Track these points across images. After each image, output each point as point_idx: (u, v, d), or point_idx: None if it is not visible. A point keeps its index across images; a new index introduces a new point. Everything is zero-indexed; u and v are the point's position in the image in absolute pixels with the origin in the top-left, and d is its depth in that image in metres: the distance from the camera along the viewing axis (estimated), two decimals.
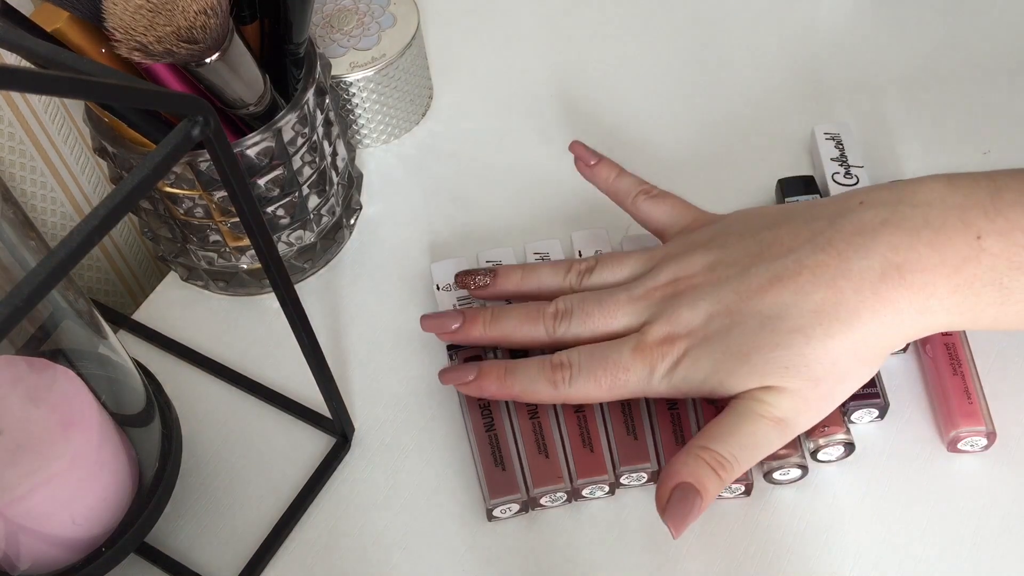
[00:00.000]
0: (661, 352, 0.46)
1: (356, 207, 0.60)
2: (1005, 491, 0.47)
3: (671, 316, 0.46)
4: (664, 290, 0.47)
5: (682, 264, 0.47)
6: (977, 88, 0.62)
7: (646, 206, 0.52)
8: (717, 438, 0.44)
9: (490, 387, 0.48)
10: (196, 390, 0.54)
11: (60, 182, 0.59)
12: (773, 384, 0.44)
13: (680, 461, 0.44)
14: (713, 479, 0.43)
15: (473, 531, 0.49)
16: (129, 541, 0.44)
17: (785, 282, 0.44)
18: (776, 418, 0.44)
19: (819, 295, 0.43)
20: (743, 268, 0.46)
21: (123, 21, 0.43)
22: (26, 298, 0.29)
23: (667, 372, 0.46)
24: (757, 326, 0.44)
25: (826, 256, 0.44)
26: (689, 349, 0.45)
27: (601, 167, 0.53)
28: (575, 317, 0.48)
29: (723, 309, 0.45)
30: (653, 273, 0.48)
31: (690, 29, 0.67)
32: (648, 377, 0.46)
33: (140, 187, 0.32)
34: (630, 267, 0.50)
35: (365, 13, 0.62)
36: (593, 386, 0.46)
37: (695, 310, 0.46)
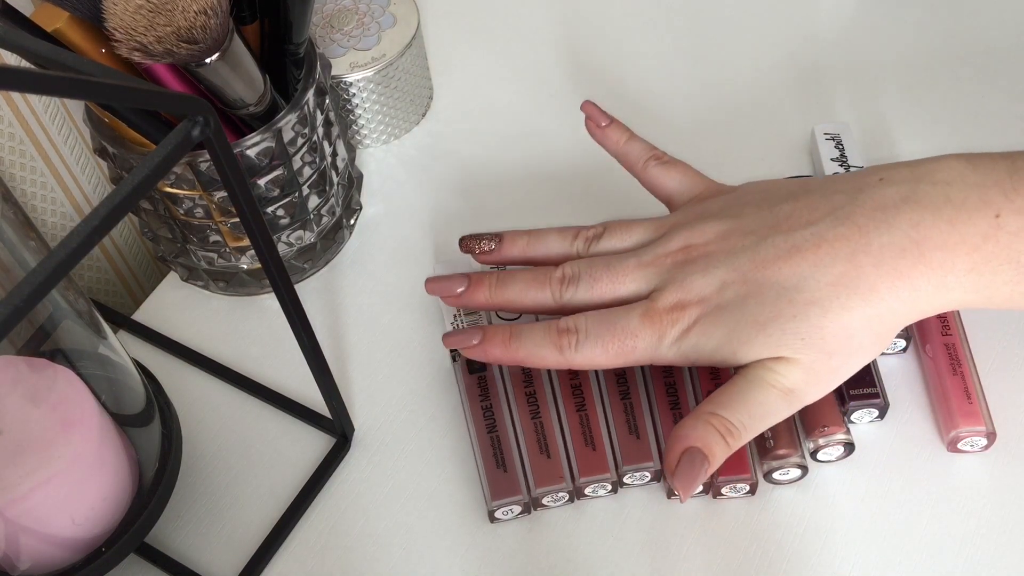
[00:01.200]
0: (671, 319, 0.45)
1: (356, 207, 0.60)
2: (1005, 491, 0.47)
3: (682, 283, 0.45)
4: (675, 256, 0.47)
5: (694, 232, 0.47)
6: (977, 88, 0.62)
7: (656, 172, 0.51)
8: (726, 405, 0.44)
9: (495, 351, 0.48)
10: (196, 390, 0.54)
11: (60, 182, 0.59)
12: (786, 355, 0.44)
13: (689, 425, 0.44)
14: (721, 445, 0.43)
15: (474, 531, 0.49)
16: (129, 541, 0.44)
17: (804, 253, 0.44)
18: (786, 388, 0.44)
19: (838, 268, 0.43)
20: (760, 238, 0.45)
21: (123, 21, 0.43)
22: (26, 298, 0.29)
23: (677, 339, 0.45)
24: (774, 296, 0.44)
25: (846, 230, 0.44)
26: (701, 317, 0.45)
27: (612, 129, 0.53)
28: (582, 282, 0.48)
29: (738, 277, 0.45)
30: (663, 240, 0.48)
31: (690, 29, 0.67)
32: (656, 344, 0.45)
33: (140, 187, 0.32)
34: (639, 234, 0.49)
35: (365, 13, 0.62)
36: (600, 352, 0.46)
37: (708, 277, 0.45)
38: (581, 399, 0.50)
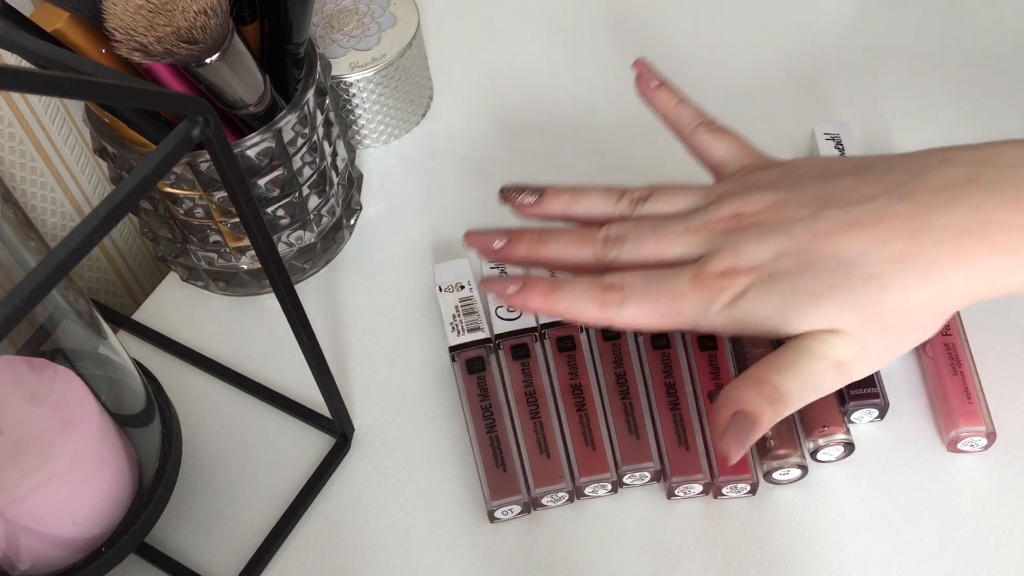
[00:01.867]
0: (721, 284, 0.44)
1: (356, 207, 0.60)
2: (1005, 491, 0.47)
3: (735, 249, 0.44)
4: (726, 223, 0.45)
5: (746, 200, 0.46)
6: (977, 88, 0.62)
7: (707, 138, 0.50)
8: (777, 372, 0.43)
9: (535, 300, 0.46)
10: (196, 390, 0.54)
11: (60, 182, 0.59)
12: (841, 328, 0.43)
13: (739, 388, 0.43)
14: (768, 412, 0.42)
15: (473, 531, 0.49)
16: (129, 541, 0.44)
17: (864, 228, 0.43)
18: (837, 361, 0.43)
19: (898, 245, 0.43)
20: (817, 210, 0.44)
21: (123, 21, 0.43)
22: (26, 298, 0.29)
23: (726, 305, 0.44)
24: (832, 268, 0.43)
25: (906, 207, 0.43)
26: (754, 284, 0.44)
27: (663, 90, 0.51)
28: (628, 243, 0.46)
29: (795, 247, 0.44)
30: (713, 206, 0.46)
31: (690, 30, 0.67)
32: (704, 309, 0.44)
33: (140, 187, 0.32)
34: (687, 200, 0.48)
35: (365, 13, 0.62)
36: (645, 311, 0.45)
37: (763, 245, 0.44)
38: (581, 399, 0.50)
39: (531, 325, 0.52)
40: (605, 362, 0.51)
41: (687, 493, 0.48)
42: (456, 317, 0.53)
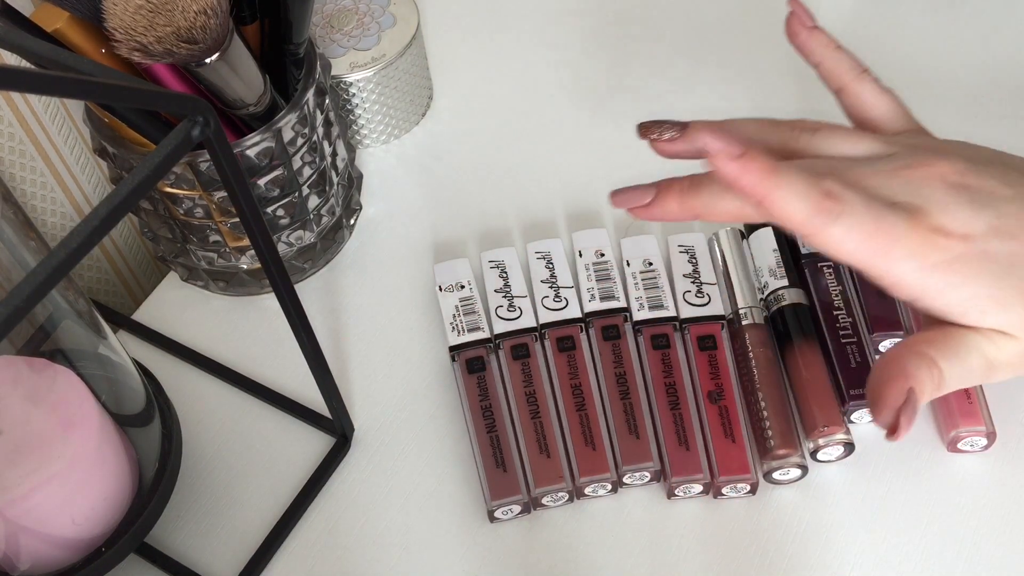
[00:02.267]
0: (935, 242, 0.38)
1: (356, 207, 0.60)
2: (1005, 491, 0.47)
3: (946, 208, 0.39)
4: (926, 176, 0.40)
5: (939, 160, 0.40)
6: (977, 88, 0.62)
7: (872, 89, 0.45)
8: (945, 355, 0.39)
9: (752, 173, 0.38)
10: (196, 390, 0.54)
11: (60, 182, 0.59)
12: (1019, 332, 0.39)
13: (913, 363, 0.39)
14: (928, 394, 0.39)
15: (473, 530, 0.49)
16: (129, 541, 0.44)
17: None
18: (994, 362, 0.40)
19: None
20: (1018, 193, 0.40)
21: (123, 21, 0.43)
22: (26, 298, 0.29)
23: (931, 267, 0.39)
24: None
25: None
26: (963, 256, 0.39)
27: (822, 33, 0.46)
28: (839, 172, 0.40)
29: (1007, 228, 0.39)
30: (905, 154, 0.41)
31: (690, 29, 0.67)
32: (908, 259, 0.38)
33: (140, 187, 0.32)
34: (867, 144, 0.42)
35: (365, 13, 0.62)
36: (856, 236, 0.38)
37: (975, 214, 0.39)
38: (581, 399, 0.50)
39: (531, 325, 0.52)
40: (605, 362, 0.51)
41: (687, 493, 0.48)
42: (456, 317, 0.53)
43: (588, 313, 0.53)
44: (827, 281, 0.52)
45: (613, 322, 0.52)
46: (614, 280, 0.54)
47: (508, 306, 0.53)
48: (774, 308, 0.52)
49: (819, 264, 0.52)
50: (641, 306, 0.52)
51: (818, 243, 0.39)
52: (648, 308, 0.52)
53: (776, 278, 0.52)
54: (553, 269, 0.55)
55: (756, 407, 0.49)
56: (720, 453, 0.48)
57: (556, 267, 0.55)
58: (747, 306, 0.51)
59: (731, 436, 0.48)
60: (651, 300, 0.53)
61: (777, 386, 0.49)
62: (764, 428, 0.48)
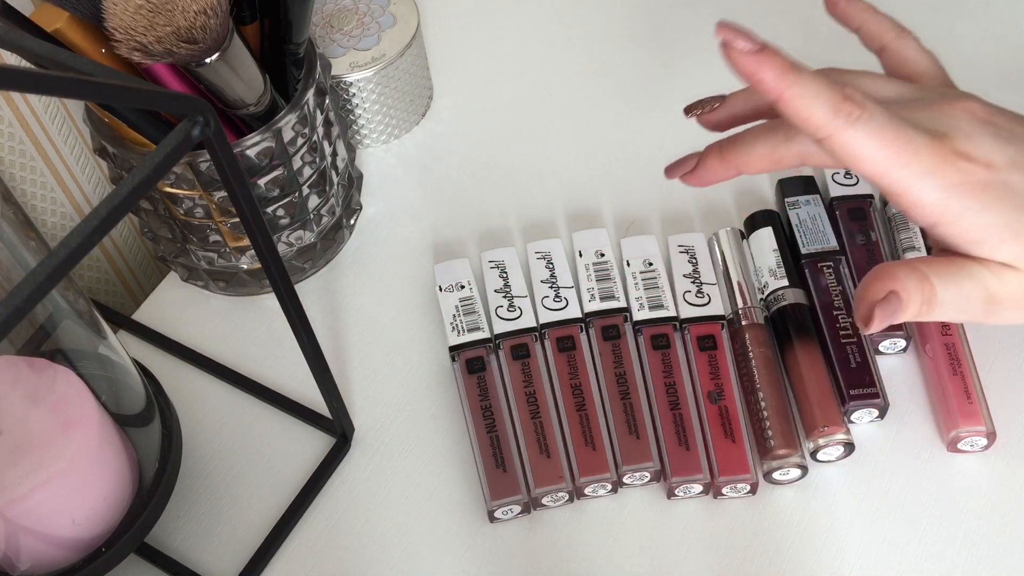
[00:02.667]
0: (959, 164, 0.40)
1: (356, 207, 0.60)
2: (1005, 491, 0.47)
3: (970, 136, 0.40)
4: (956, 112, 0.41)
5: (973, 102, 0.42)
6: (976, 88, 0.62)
7: (913, 46, 0.47)
8: (941, 276, 0.40)
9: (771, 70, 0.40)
10: (196, 390, 0.54)
11: (60, 182, 0.59)
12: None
13: (904, 272, 0.41)
14: (916, 307, 0.40)
15: (473, 531, 0.49)
16: (129, 541, 0.44)
17: None
18: (996, 296, 0.41)
19: None
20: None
21: (123, 21, 0.43)
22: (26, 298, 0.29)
23: (951, 187, 0.40)
24: None
25: None
26: (984, 182, 0.40)
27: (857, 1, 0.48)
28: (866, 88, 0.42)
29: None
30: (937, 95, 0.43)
31: (690, 29, 0.67)
32: (929, 177, 0.40)
33: (140, 187, 0.32)
34: (899, 86, 0.44)
35: (365, 13, 0.62)
36: (874, 143, 0.39)
37: (999, 145, 0.40)
38: (581, 399, 0.50)
39: (531, 325, 0.52)
40: (605, 362, 0.51)
41: (687, 493, 0.48)
42: (456, 317, 0.53)
43: (588, 313, 0.53)
44: (827, 281, 0.52)
45: (613, 322, 0.52)
46: (614, 280, 0.54)
47: (508, 306, 0.53)
48: (774, 308, 0.52)
49: (819, 264, 0.53)
50: (641, 306, 0.52)
51: (836, 146, 0.40)
52: (648, 308, 0.52)
53: (776, 278, 0.52)
54: (553, 269, 0.55)
55: (756, 407, 0.49)
56: (720, 453, 0.48)
57: (556, 267, 0.55)
58: (747, 306, 0.51)
59: (731, 436, 0.48)
60: (651, 300, 0.53)
61: (777, 386, 0.49)
62: (764, 428, 0.48)
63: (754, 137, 0.45)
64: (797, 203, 0.55)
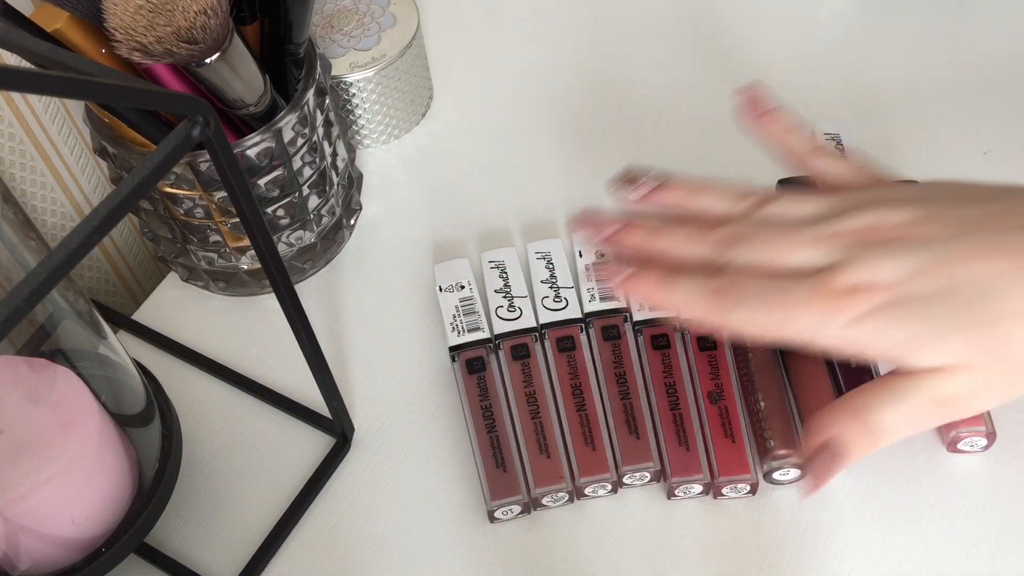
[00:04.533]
0: (847, 301, 0.40)
1: (356, 207, 0.60)
2: (1005, 491, 0.47)
3: (866, 263, 0.41)
4: (858, 235, 0.42)
5: (883, 213, 0.42)
6: (977, 87, 0.62)
7: (825, 162, 0.47)
8: (880, 403, 0.40)
9: (646, 287, 0.43)
10: (196, 390, 0.54)
11: (60, 182, 0.59)
12: (964, 364, 0.40)
13: (836, 416, 0.41)
14: (861, 444, 0.40)
15: (473, 531, 0.49)
16: (129, 541, 0.44)
17: (1010, 258, 0.40)
18: (947, 399, 0.40)
19: None
20: (960, 232, 0.41)
21: (123, 21, 0.43)
22: (26, 298, 0.29)
23: (848, 324, 0.40)
24: (967, 300, 0.40)
25: None
26: (883, 306, 0.40)
27: (775, 117, 0.48)
28: (748, 245, 0.43)
29: (931, 269, 0.40)
30: (846, 215, 0.43)
31: (690, 29, 0.67)
32: (823, 324, 0.41)
33: (140, 188, 0.32)
34: (814, 206, 0.44)
35: (365, 13, 0.62)
36: (759, 316, 0.41)
37: (897, 263, 0.41)
38: (581, 399, 0.50)
39: (531, 325, 0.52)
40: (605, 362, 0.51)
41: (687, 493, 0.48)
42: (456, 317, 0.53)
43: (588, 313, 0.53)
44: None
45: (613, 322, 0.52)
46: None
47: (508, 306, 0.53)
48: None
49: None
50: (641, 306, 0.52)
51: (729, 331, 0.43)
52: (648, 308, 0.52)
53: None
54: (553, 269, 0.55)
55: (756, 407, 0.49)
56: (720, 453, 0.48)
57: (556, 267, 0.55)
58: None
59: (731, 436, 0.48)
60: None
61: (777, 386, 0.49)
62: (764, 428, 0.48)
63: None
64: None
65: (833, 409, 0.41)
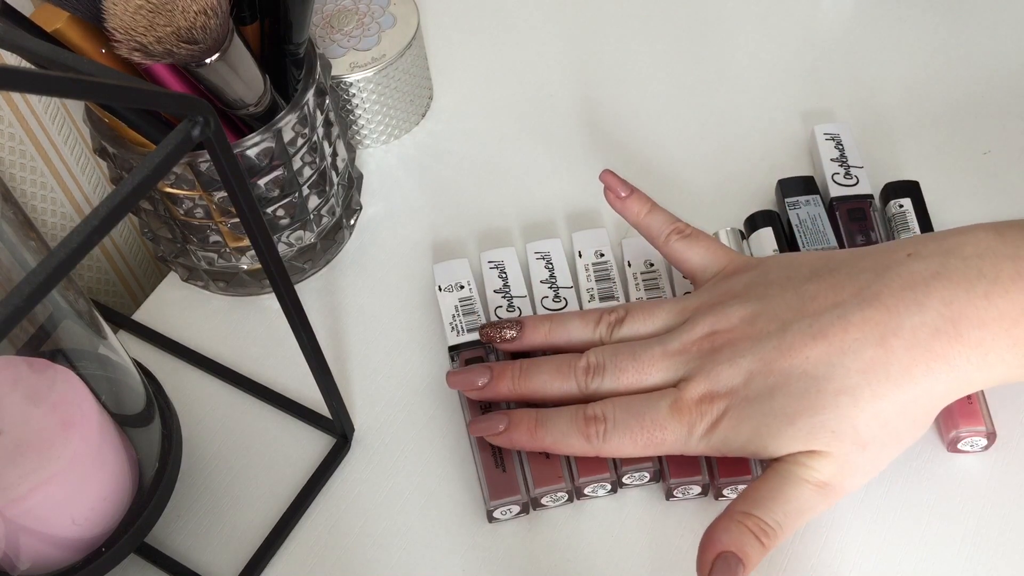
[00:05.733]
0: (700, 411, 0.44)
1: (356, 207, 0.60)
2: (1005, 491, 0.47)
3: (709, 373, 0.44)
4: (700, 344, 0.45)
5: (719, 316, 0.45)
6: (977, 87, 0.62)
7: (679, 246, 0.49)
8: (760, 503, 0.42)
9: (520, 438, 0.47)
10: (196, 390, 0.54)
11: (60, 182, 0.59)
12: (819, 448, 0.42)
13: (722, 527, 0.42)
14: (756, 547, 0.42)
15: (473, 531, 0.49)
16: (129, 541, 0.44)
17: (830, 338, 0.42)
18: (820, 482, 0.42)
19: (868, 353, 0.42)
20: (784, 323, 0.43)
21: (123, 21, 0.43)
22: (26, 298, 0.29)
23: (705, 432, 0.44)
24: (802, 387, 0.42)
25: (874, 311, 0.42)
26: (729, 409, 0.43)
27: (632, 200, 0.51)
28: (608, 372, 0.46)
29: (764, 368, 0.43)
30: (688, 325, 0.46)
31: (691, 29, 0.67)
32: (686, 437, 0.44)
33: (140, 188, 0.32)
34: (663, 318, 0.48)
35: (365, 13, 0.62)
36: (628, 442, 0.45)
37: (735, 367, 0.44)
38: None
39: None
40: None
41: (686, 494, 0.48)
42: (455, 317, 0.53)
43: None
44: None
45: None
46: (614, 280, 0.54)
47: (508, 306, 0.53)
48: None
49: None
50: None
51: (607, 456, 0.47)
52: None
53: None
54: (553, 269, 0.55)
55: None
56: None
57: (556, 267, 0.55)
58: None
59: None
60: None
61: None
62: None
63: None
64: (797, 203, 0.55)
65: (721, 522, 0.43)
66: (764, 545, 0.42)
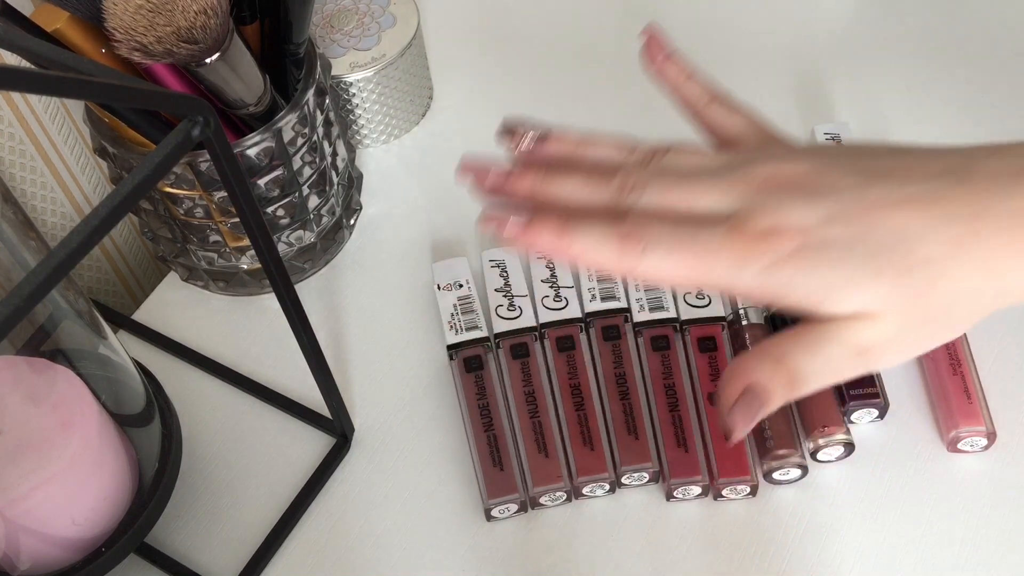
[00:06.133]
0: (763, 244, 0.39)
1: (356, 207, 0.60)
2: (1005, 491, 0.47)
3: (778, 208, 0.39)
4: (763, 183, 0.40)
5: (784, 163, 0.41)
6: (977, 87, 0.62)
7: (721, 113, 0.45)
8: (797, 352, 0.39)
9: (544, 238, 0.40)
10: (196, 390, 0.54)
11: (60, 182, 0.59)
12: (883, 311, 0.38)
13: (755, 362, 0.39)
14: (782, 391, 0.39)
15: (472, 531, 0.49)
16: (129, 541, 0.44)
17: (917, 206, 0.39)
18: (863, 347, 0.39)
19: (958, 227, 0.38)
20: (868, 179, 0.39)
21: (123, 21, 0.43)
22: (26, 298, 0.29)
23: (766, 268, 0.39)
24: (891, 244, 0.38)
25: (967, 190, 0.39)
26: (801, 250, 0.39)
27: (673, 63, 0.46)
28: (650, 190, 0.41)
29: (844, 214, 0.39)
30: (746, 164, 0.41)
31: (691, 28, 0.67)
32: (739, 269, 0.39)
33: (140, 187, 0.32)
34: (709, 158, 0.42)
35: (365, 13, 0.62)
36: (670, 265, 0.39)
37: (810, 207, 0.39)
38: (580, 399, 0.50)
39: (531, 324, 0.52)
40: (605, 362, 0.51)
41: (685, 495, 0.48)
42: (454, 315, 0.53)
43: (588, 313, 0.53)
44: None
45: (613, 322, 0.52)
46: (615, 280, 0.54)
47: (508, 305, 0.53)
48: (774, 308, 0.52)
49: None
50: (642, 307, 0.52)
51: (640, 278, 0.40)
52: (648, 309, 0.52)
53: None
54: (554, 269, 0.55)
55: None
56: (720, 455, 0.48)
57: (557, 266, 0.55)
58: (747, 306, 0.51)
59: None
60: (652, 301, 0.53)
61: None
62: (764, 428, 0.48)
63: None
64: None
65: (753, 355, 0.40)
66: (789, 392, 0.39)
